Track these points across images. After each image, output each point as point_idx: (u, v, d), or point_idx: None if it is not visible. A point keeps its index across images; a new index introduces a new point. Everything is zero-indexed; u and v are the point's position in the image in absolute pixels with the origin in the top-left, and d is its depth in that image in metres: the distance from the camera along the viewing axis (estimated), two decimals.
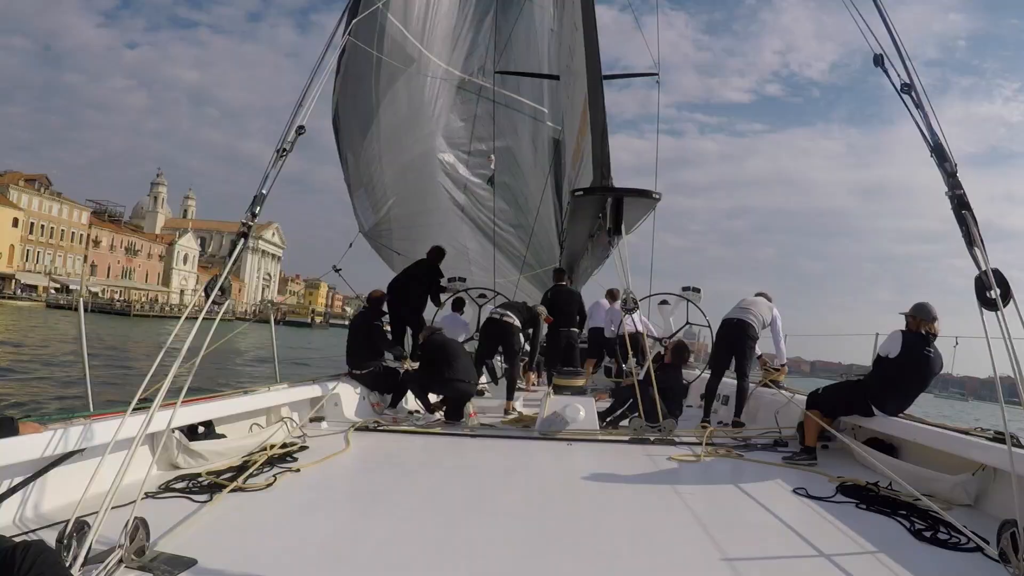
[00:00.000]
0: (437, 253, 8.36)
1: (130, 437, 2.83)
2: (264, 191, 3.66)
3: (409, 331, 7.74)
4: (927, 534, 3.02)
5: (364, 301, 6.97)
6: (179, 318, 3.09)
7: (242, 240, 3.49)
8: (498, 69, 11.83)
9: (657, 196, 5.67)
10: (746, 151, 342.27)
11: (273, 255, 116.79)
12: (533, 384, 9.02)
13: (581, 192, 5.93)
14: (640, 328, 7.47)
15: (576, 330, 8.56)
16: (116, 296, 74.65)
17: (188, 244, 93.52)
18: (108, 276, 79.73)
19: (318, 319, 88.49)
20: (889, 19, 3.39)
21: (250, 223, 3.53)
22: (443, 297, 8.57)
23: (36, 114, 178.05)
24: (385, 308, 7.12)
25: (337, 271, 9.39)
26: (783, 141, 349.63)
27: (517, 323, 6.98)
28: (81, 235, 76.69)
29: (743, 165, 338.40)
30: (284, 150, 3.74)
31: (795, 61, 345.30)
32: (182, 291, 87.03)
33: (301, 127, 3.82)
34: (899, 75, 3.22)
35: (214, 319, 3.24)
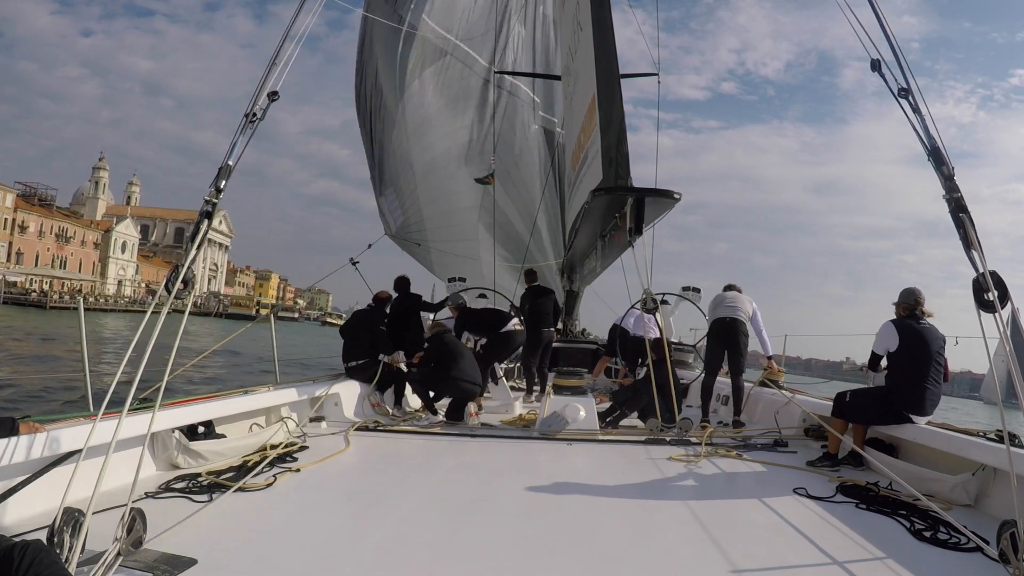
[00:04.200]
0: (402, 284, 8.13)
1: (130, 437, 2.90)
2: (231, 162, 3.32)
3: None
4: (927, 534, 3.16)
5: (371, 301, 7.23)
6: (106, 311, 2.85)
7: (206, 221, 3.13)
8: (498, 69, 12.06)
9: (678, 196, 5.81)
10: (701, 147, 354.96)
11: (220, 244, 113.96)
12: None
13: (602, 191, 5.95)
14: (654, 328, 7.54)
15: (554, 330, 8.67)
16: (44, 287, 71.69)
17: (127, 231, 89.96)
18: (37, 264, 76.49)
19: (264, 311, 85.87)
20: (887, 24, 3.52)
21: (214, 200, 3.18)
22: (439, 301, 8.67)
23: None
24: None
25: (354, 264, 9.59)
26: (738, 138, 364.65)
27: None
28: (5, 219, 73.38)
29: (697, 161, 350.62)
30: (254, 115, 3.42)
31: (751, 60, 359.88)
32: (120, 282, 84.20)
33: (274, 93, 3.52)
34: (896, 79, 3.37)
35: (169, 313, 3.00)
